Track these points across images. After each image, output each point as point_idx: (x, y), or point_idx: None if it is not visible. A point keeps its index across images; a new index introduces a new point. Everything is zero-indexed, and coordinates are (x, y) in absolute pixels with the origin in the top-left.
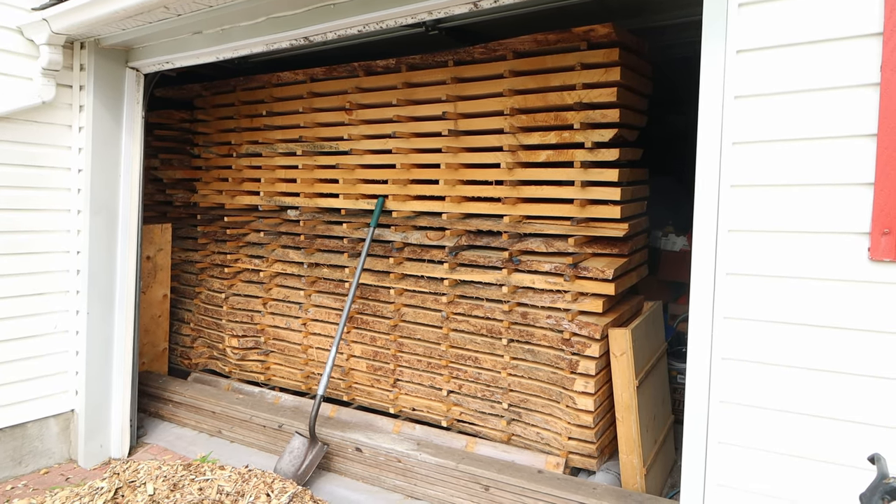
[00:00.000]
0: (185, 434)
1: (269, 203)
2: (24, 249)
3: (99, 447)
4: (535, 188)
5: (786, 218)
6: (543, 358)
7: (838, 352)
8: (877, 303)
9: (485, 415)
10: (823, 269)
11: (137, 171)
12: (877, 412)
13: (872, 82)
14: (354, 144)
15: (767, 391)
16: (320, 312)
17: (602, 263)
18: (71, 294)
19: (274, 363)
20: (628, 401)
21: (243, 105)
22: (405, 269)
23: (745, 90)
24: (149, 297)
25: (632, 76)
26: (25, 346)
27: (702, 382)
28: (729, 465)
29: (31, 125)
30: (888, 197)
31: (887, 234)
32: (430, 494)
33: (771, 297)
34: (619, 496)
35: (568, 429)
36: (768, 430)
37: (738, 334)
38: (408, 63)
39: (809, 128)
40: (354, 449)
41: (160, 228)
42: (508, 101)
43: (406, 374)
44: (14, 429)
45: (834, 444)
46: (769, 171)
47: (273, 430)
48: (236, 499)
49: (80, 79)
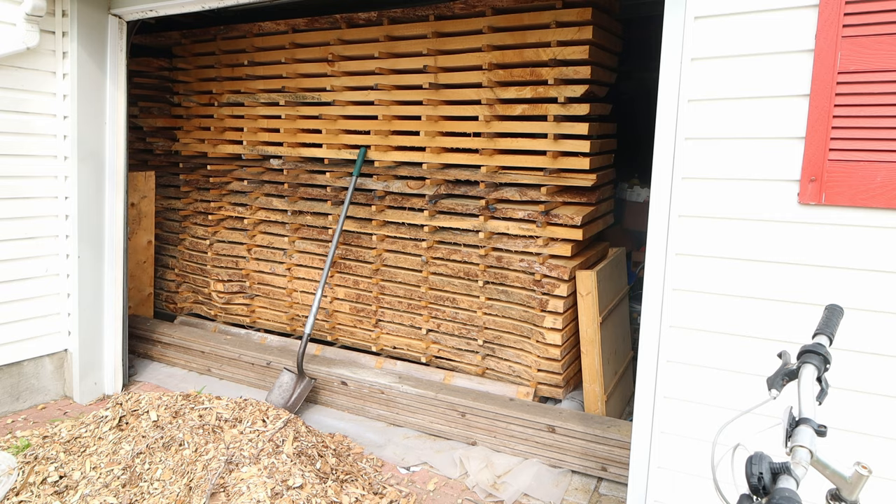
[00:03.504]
0: (175, 373)
1: (251, 152)
2: (13, 194)
3: (93, 385)
4: (510, 140)
5: (731, 167)
6: (516, 298)
7: (770, 282)
8: (803, 240)
9: (461, 351)
10: (760, 211)
11: (122, 118)
12: (798, 331)
13: (808, 48)
14: (337, 95)
15: (710, 317)
16: (304, 258)
17: (571, 211)
18: (61, 238)
19: (259, 306)
20: (592, 335)
21: (224, 54)
22: (386, 217)
23: (700, 53)
24: (134, 244)
25: (603, 35)
26: (18, 288)
27: (655, 310)
28: (674, 380)
29: (16, 71)
30: (816, 149)
31: (813, 181)
32: (412, 421)
33: (716, 235)
34: (582, 419)
35: (537, 362)
36: (708, 349)
37: (687, 268)
38: (389, 16)
39: (753, 87)
40: (340, 383)
41: (143, 176)
42: (487, 56)
43: (387, 315)
44: (11, 367)
45: (760, 359)
46: (718, 126)
47: (261, 367)
48: (234, 424)
49: (62, 25)
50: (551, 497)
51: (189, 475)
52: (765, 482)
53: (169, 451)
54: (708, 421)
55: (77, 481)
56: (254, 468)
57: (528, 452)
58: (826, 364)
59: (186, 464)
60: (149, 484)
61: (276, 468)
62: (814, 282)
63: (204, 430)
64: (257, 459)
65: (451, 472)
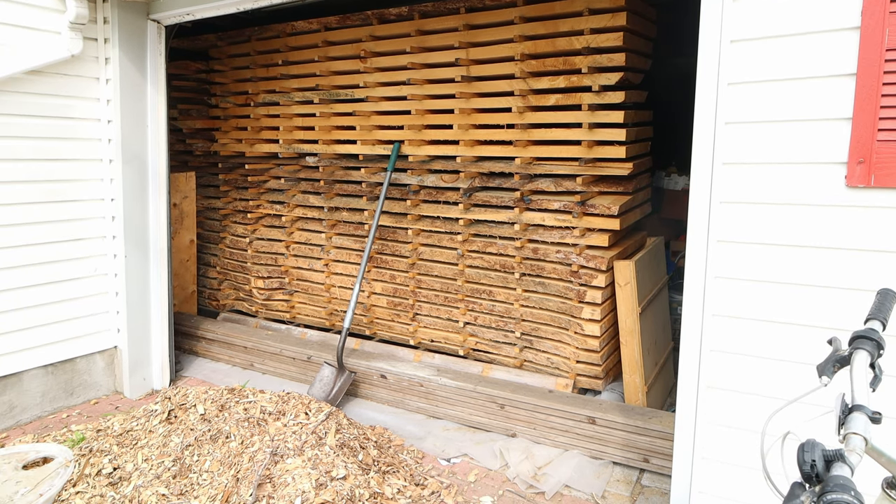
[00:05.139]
0: (219, 368)
1: (288, 150)
2: (61, 198)
3: (142, 380)
4: (544, 131)
5: (774, 151)
6: (553, 289)
7: (816, 268)
8: (851, 224)
9: (499, 343)
10: (805, 195)
11: (163, 121)
12: (848, 318)
13: (854, 26)
14: (370, 92)
15: (754, 305)
16: (341, 254)
17: (608, 201)
18: (108, 239)
19: (298, 302)
20: (632, 326)
21: (259, 55)
22: (421, 211)
23: (740, 34)
24: (176, 243)
25: (637, 20)
26: (70, 288)
27: (697, 298)
28: (717, 369)
29: (61, 78)
30: (864, 130)
31: (861, 163)
32: (451, 414)
33: (759, 221)
34: (622, 410)
35: (576, 353)
36: (752, 338)
37: (729, 256)
38: (420, 10)
39: (796, 68)
40: (379, 376)
41: (184, 177)
42: (519, 46)
43: (424, 309)
44: (65, 363)
45: (806, 347)
46: (760, 109)
47: (302, 362)
48: (278, 416)
49: (104, 32)
50: (593, 489)
51: (236, 467)
52: (818, 470)
53: (216, 444)
54: (753, 411)
55: (130, 473)
56: (298, 460)
57: (569, 444)
58: (880, 350)
59: (233, 455)
60: (198, 475)
61: (319, 460)
62: (863, 267)
63: (249, 422)
64: (301, 451)
65: (492, 464)
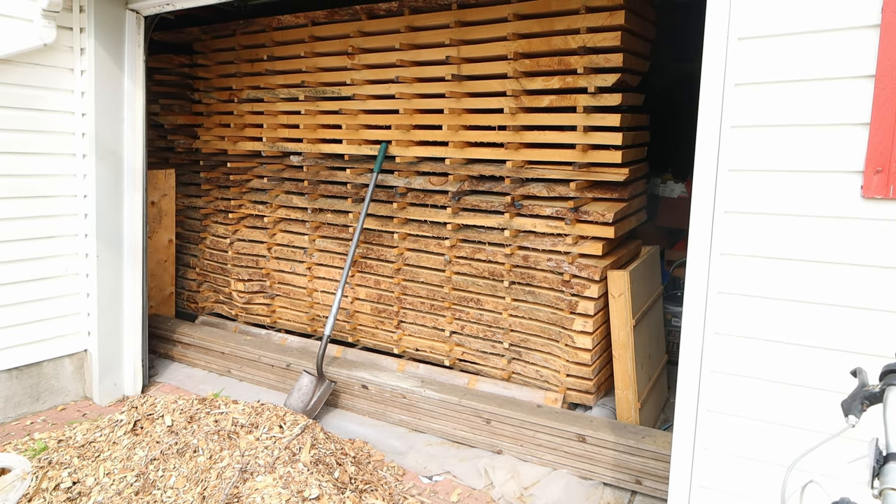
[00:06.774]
0: (195, 374)
1: (271, 149)
2: (31, 193)
3: (113, 385)
4: (537, 133)
5: (784, 158)
6: (544, 299)
7: (831, 285)
8: (867, 238)
9: (486, 354)
10: (817, 206)
11: (141, 115)
12: (864, 341)
13: (873, 24)
14: (357, 89)
15: (761, 323)
16: (325, 257)
17: (602, 207)
18: (80, 237)
19: (279, 306)
20: (625, 339)
21: (243, 49)
22: (408, 214)
23: (748, 31)
24: (154, 243)
25: (635, 20)
26: (38, 288)
27: (698, 315)
28: (720, 391)
29: (33, 68)
30: (883, 136)
31: (880, 172)
32: (434, 427)
33: (767, 233)
34: (614, 428)
35: (566, 366)
36: (757, 359)
37: (733, 270)
38: (411, 6)
39: (809, 68)
40: (361, 386)
41: (164, 174)
42: (512, 45)
43: (409, 316)
44: (31, 367)
45: (823, 371)
46: (769, 112)
47: (281, 370)
48: (251, 430)
49: (80, 21)
50: None
51: (203, 483)
52: None
53: (183, 458)
54: (758, 438)
55: (90, 488)
56: (269, 478)
57: (557, 463)
58: None
59: (200, 471)
60: (162, 492)
61: (291, 478)
62: (880, 285)
63: (219, 436)
64: (273, 468)
65: (476, 483)
